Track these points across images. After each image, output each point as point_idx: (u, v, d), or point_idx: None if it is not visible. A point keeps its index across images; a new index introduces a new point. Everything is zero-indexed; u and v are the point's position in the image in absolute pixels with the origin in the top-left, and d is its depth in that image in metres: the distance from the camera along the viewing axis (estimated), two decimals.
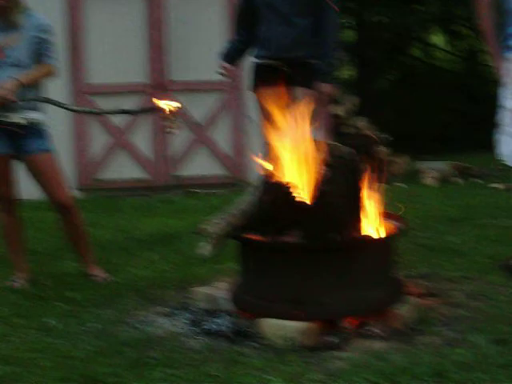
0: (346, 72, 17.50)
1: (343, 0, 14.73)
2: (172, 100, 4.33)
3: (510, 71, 4.76)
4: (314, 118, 3.92)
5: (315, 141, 3.79)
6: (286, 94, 4.47)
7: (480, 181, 9.16)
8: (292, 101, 4.31)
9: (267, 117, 4.07)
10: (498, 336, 3.63)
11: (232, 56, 5.84)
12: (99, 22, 9.14)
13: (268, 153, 3.88)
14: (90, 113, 5.53)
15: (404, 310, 3.85)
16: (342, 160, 3.75)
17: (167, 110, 4.26)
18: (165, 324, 4.06)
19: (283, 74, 5.30)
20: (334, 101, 8.58)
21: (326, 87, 5.49)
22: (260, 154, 3.95)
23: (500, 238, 5.74)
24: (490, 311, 4.04)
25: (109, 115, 8.50)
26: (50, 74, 4.87)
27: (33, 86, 4.75)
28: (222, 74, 5.86)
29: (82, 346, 3.73)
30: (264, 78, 5.51)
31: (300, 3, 5.48)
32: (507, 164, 4.90)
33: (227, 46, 5.99)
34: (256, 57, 5.72)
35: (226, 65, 5.80)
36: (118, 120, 9.02)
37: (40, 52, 4.79)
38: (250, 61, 5.91)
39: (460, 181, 9.56)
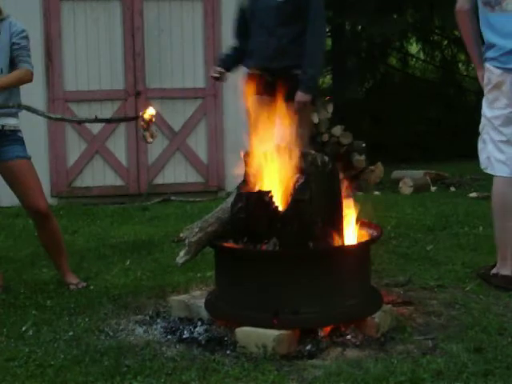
0: (322, 80, 17.56)
1: None
2: (147, 107, 4.31)
3: (490, 81, 4.83)
4: (295, 126, 3.93)
5: (291, 149, 3.79)
6: (269, 104, 4.49)
7: (455, 189, 9.20)
8: (275, 110, 4.32)
9: (251, 125, 4.08)
10: (472, 344, 3.64)
11: (227, 62, 5.83)
12: (76, 29, 9.11)
13: (245, 160, 3.88)
14: (66, 120, 5.50)
15: (379, 318, 3.85)
16: (318, 168, 3.75)
17: (143, 118, 4.25)
18: (140, 332, 4.04)
19: (267, 83, 5.32)
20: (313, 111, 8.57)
21: (303, 97, 5.50)
22: (236, 162, 3.95)
23: (475, 246, 5.77)
24: (465, 319, 4.05)
25: (85, 123, 8.46)
26: (25, 78, 4.83)
27: (8, 91, 4.73)
28: (215, 79, 5.85)
29: (57, 354, 3.70)
30: (253, 87, 5.53)
31: (284, 14, 5.48)
32: (487, 172, 4.94)
33: (225, 52, 6.03)
34: (245, 66, 5.74)
35: (221, 69, 5.79)
36: (94, 127, 8.99)
37: (16, 57, 4.77)
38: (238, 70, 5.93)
39: (435, 189, 9.61)
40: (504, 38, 4.76)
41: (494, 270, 4.86)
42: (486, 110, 4.90)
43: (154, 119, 4.26)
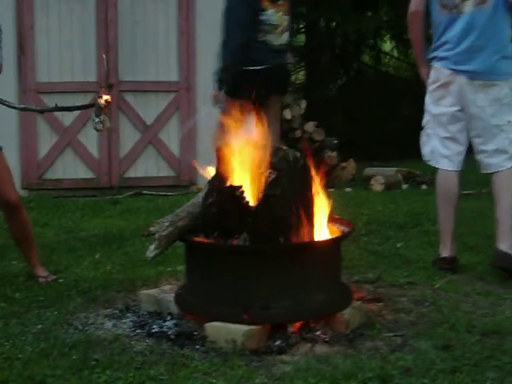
0: (296, 76, 17.57)
1: (295, 5, 14.92)
2: (105, 95, 4.23)
3: (438, 79, 5.11)
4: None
5: (263, 144, 3.79)
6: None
7: (427, 187, 9.24)
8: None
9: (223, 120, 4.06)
10: (440, 341, 3.67)
11: None
12: (49, 21, 9.04)
13: (216, 155, 3.87)
14: (29, 110, 5.42)
15: (349, 315, 3.86)
16: (289, 163, 3.75)
17: (97, 104, 4.19)
18: (109, 326, 4.03)
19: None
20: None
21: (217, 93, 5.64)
22: (207, 156, 3.94)
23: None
24: (434, 317, 4.08)
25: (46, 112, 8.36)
26: None
27: None
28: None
29: (25, 347, 3.67)
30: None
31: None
32: (430, 164, 5.33)
33: None
34: None
35: None
36: (65, 119, 8.95)
37: None
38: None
39: (407, 187, 9.64)
40: (459, 38, 4.99)
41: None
42: (431, 107, 5.22)
43: (108, 106, 4.17)
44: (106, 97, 4.21)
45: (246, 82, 5.47)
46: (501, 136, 5.05)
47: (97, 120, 4.20)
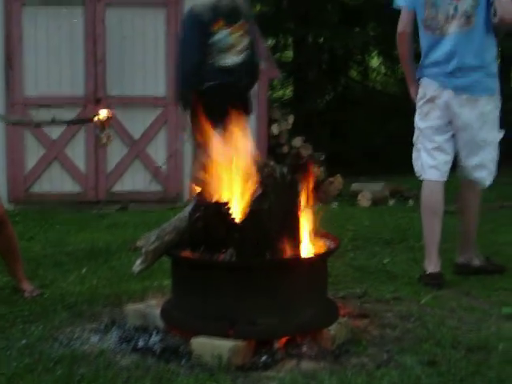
0: (284, 91, 17.62)
1: (283, 21, 14.98)
2: (103, 110, 4.28)
3: (425, 95, 5.27)
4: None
5: (249, 159, 3.79)
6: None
7: (413, 203, 9.26)
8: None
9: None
10: (426, 357, 3.66)
11: None
12: (37, 34, 9.05)
13: (202, 169, 3.87)
14: (20, 123, 5.41)
15: (335, 331, 3.85)
16: (276, 179, 3.75)
17: (98, 120, 4.23)
18: (95, 341, 4.01)
19: None
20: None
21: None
22: (194, 171, 3.95)
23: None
24: (420, 332, 4.07)
25: (43, 127, 8.38)
26: None
27: None
28: None
29: (10, 362, 3.65)
30: None
31: None
32: (421, 179, 5.38)
33: None
34: None
35: None
36: (52, 133, 8.94)
37: None
38: None
39: (394, 203, 9.67)
40: (444, 59, 5.16)
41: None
42: (420, 122, 5.36)
43: (110, 121, 4.24)
44: (106, 112, 4.29)
45: (198, 101, 5.46)
46: (484, 151, 5.20)
47: (102, 135, 4.26)
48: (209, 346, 3.61)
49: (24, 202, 8.99)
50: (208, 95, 5.67)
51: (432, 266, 5.17)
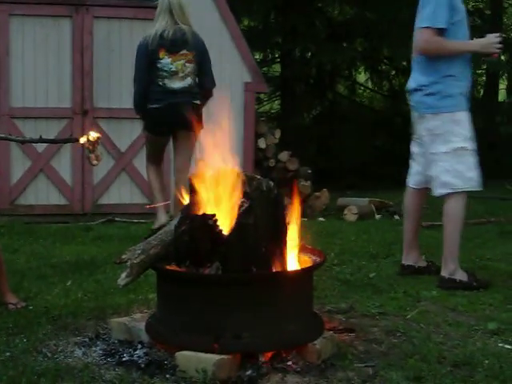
0: (271, 105, 17.65)
1: (270, 36, 15.04)
2: (93, 129, 4.32)
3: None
4: None
5: (236, 173, 3.79)
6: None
7: (399, 218, 9.27)
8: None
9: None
10: (411, 372, 3.65)
11: None
12: (24, 46, 9.05)
13: (190, 182, 3.86)
14: (7, 139, 5.41)
15: (320, 345, 3.84)
16: (263, 193, 3.75)
17: (87, 140, 4.26)
18: (79, 354, 3.98)
19: None
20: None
21: None
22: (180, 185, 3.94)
23: (417, 275, 5.81)
24: (405, 347, 4.07)
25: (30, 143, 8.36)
26: None
27: None
28: None
29: None
30: None
31: None
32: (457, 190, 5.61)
33: None
34: None
35: None
36: (38, 145, 8.91)
37: None
38: None
39: (380, 217, 9.69)
40: (408, 81, 5.94)
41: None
42: (413, 147, 5.97)
43: (99, 141, 4.30)
44: (95, 134, 4.33)
45: (148, 118, 6.86)
46: (436, 164, 5.59)
47: (91, 155, 4.30)
48: (194, 360, 3.59)
49: (9, 214, 8.96)
50: (160, 112, 6.68)
51: (403, 258, 5.97)
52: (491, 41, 5.52)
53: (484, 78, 18.80)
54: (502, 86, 21.63)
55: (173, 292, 3.84)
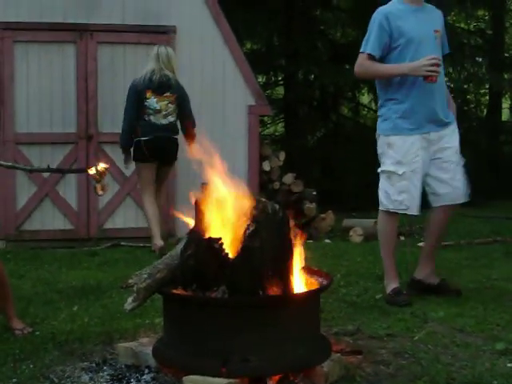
0: (275, 128, 17.67)
1: (273, 58, 15.09)
2: (102, 161, 4.38)
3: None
4: None
5: (242, 196, 3.80)
6: None
7: (405, 238, 9.26)
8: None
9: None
10: None
11: None
12: (28, 71, 9.08)
13: (196, 206, 3.87)
14: (14, 168, 5.45)
15: (328, 367, 3.83)
16: (268, 215, 3.75)
17: (96, 169, 4.32)
18: (86, 379, 3.97)
19: None
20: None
21: None
22: (185, 208, 3.95)
23: (424, 296, 5.80)
24: (414, 369, 4.05)
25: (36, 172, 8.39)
26: None
27: None
28: None
29: None
30: None
31: None
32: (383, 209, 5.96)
33: None
34: None
35: None
36: None
37: None
38: None
39: None
40: None
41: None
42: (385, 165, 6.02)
43: (106, 172, 4.40)
44: (104, 165, 4.52)
45: (138, 150, 8.14)
46: (381, 181, 5.91)
47: (98, 185, 4.47)
48: None
49: (15, 239, 8.98)
50: (148, 144, 8.07)
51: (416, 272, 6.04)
52: (422, 63, 5.41)
53: (487, 98, 18.82)
54: (506, 105, 21.68)
55: (180, 316, 3.83)
